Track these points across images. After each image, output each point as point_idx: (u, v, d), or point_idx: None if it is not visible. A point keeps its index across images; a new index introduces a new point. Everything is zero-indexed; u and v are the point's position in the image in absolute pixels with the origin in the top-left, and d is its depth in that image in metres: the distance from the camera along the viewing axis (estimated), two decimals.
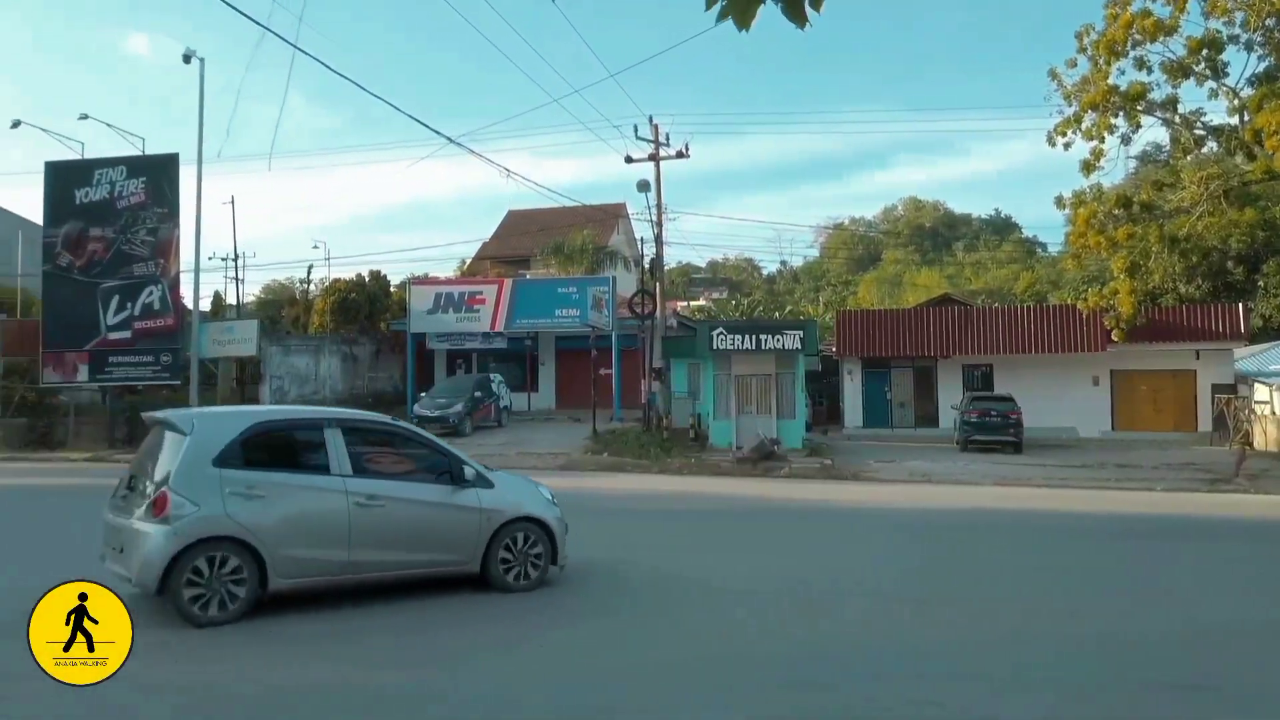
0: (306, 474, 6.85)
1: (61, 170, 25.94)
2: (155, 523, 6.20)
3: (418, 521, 7.09)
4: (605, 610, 7.28)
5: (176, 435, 6.63)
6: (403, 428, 7.83)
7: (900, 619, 6.99)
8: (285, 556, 6.44)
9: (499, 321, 28.58)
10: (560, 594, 7.58)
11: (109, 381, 25.20)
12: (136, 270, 24.79)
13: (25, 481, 17.90)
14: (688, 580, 8.27)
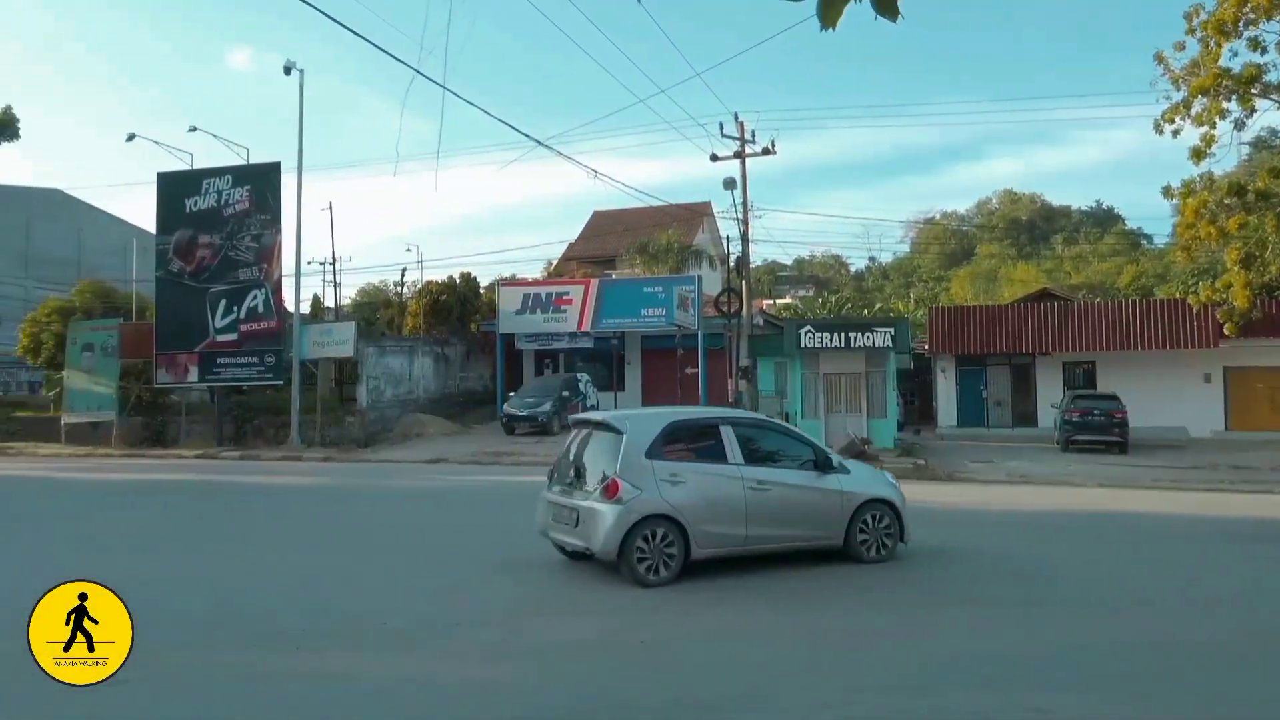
0: (711, 463, 8.16)
1: (172, 180, 27.26)
2: (609, 504, 7.64)
3: (796, 502, 8.39)
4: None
5: (612, 434, 8.13)
6: (776, 424, 9.60)
7: (1003, 625, 6.77)
8: (702, 531, 7.83)
9: (585, 321, 28.83)
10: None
11: (217, 382, 26.36)
12: (242, 275, 25.87)
13: (153, 477, 18.85)
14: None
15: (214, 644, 5.93)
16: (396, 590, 7.64)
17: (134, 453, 24.45)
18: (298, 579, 8.16)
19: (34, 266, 44.13)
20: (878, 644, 6.20)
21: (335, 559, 9.22)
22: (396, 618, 6.61)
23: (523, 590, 7.63)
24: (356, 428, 25.48)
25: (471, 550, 9.79)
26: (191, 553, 9.69)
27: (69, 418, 26.75)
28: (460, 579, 8.05)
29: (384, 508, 13.87)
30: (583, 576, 8.10)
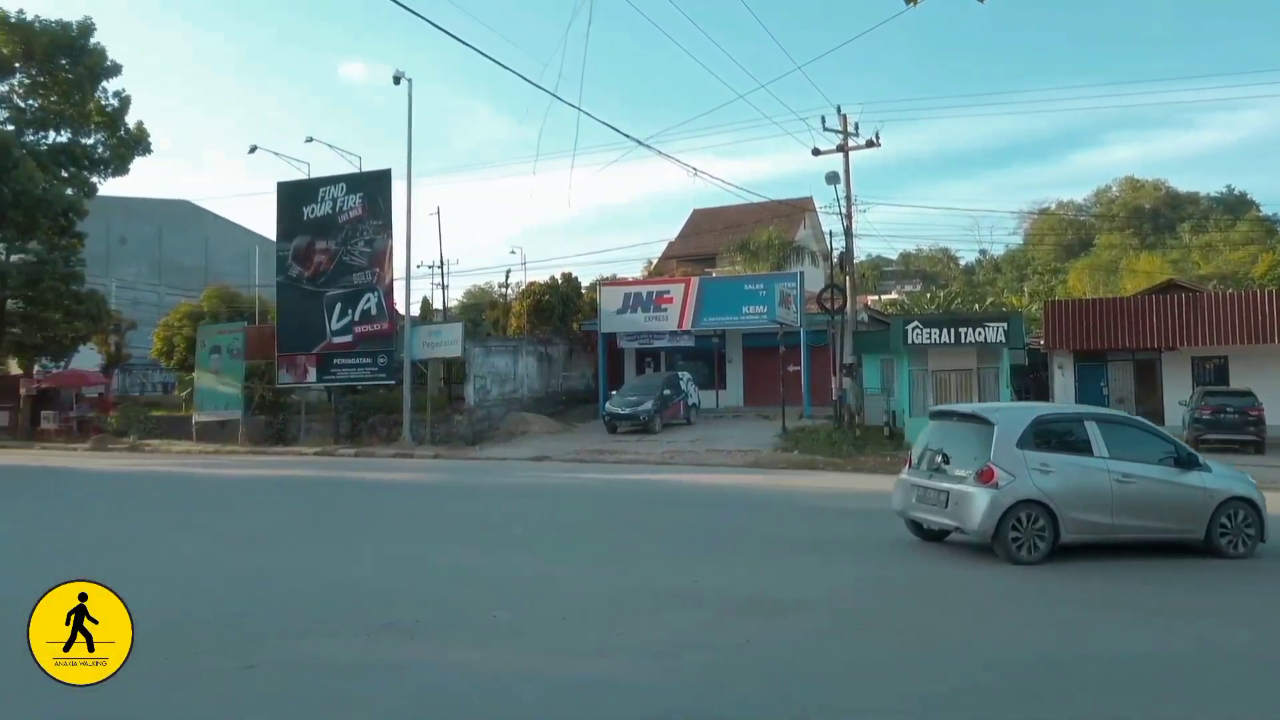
0: (1077, 455, 8.64)
1: (291, 189, 28.53)
2: (985, 488, 8.32)
3: (1159, 496, 8.73)
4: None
5: (981, 425, 8.85)
6: (1137, 421, 9.95)
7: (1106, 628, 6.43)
8: (1069, 518, 8.35)
9: (686, 320, 28.81)
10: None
11: (333, 382, 27.46)
12: (356, 279, 26.88)
13: (276, 473, 19.77)
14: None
15: (331, 633, 6.14)
16: (504, 583, 7.77)
17: (258, 450, 25.67)
18: (409, 570, 8.40)
19: (166, 273, 46.88)
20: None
21: (445, 552, 9.45)
22: (504, 610, 6.72)
23: (626, 585, 7.65)
24: (464, 426, 26.12)
25: (575, 545, 9.88)
26: (311, 545, 10.09)
27: (199, 416, 28.31)
28: (565, 573, 8.14)
29: (490, 503, 14.16)
30: (685, 568, 8.08)
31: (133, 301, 41.14)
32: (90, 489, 17.14)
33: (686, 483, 16.49)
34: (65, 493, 16.56)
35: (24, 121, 32.34)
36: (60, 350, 32.88)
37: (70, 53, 32.25)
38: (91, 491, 16.70)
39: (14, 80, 32.60)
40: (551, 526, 11.52)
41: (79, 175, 33.14)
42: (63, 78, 32.39)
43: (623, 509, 13.30)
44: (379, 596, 7.24)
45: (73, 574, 8.12)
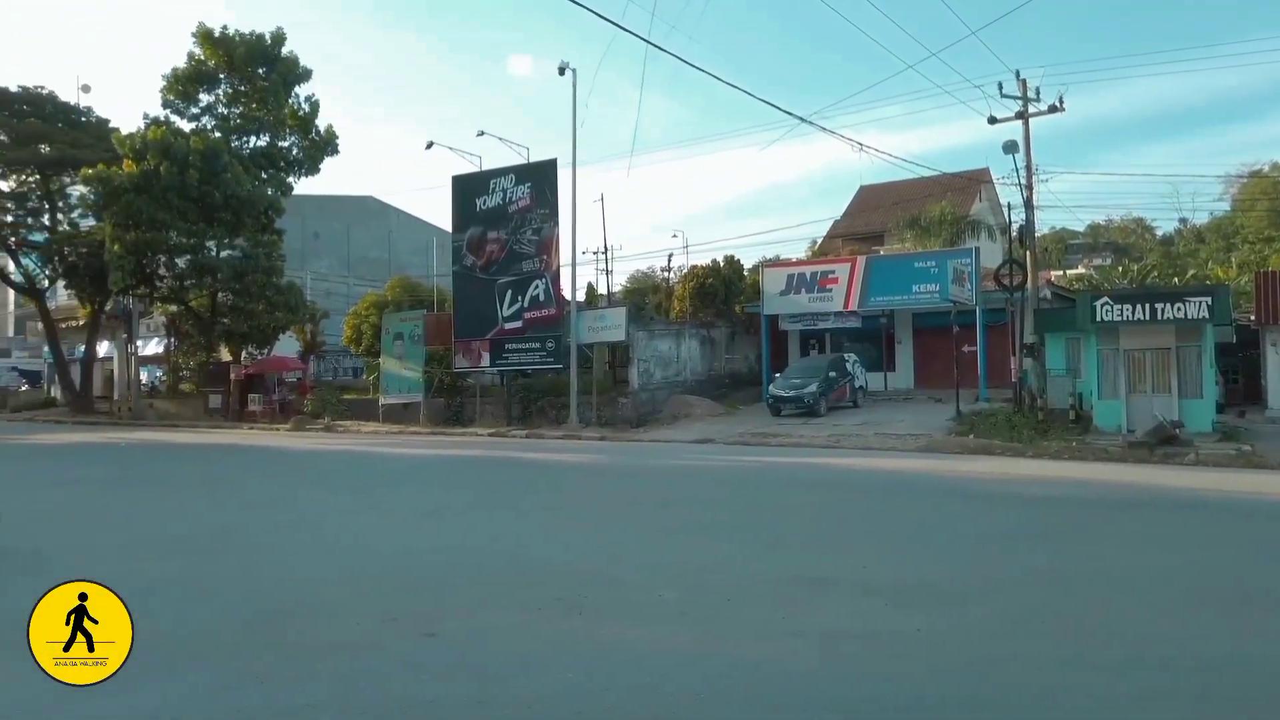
0: None
1: (464, 182, 29.79)
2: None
3: None
4: None
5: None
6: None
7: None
8: None
9: (852, 300, 28.05)
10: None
11: (505, 367, 28.54)
12: (525, 267, 27.78)
13: (455, 453, 20.81)
14: None
15: (505, 606, 6.37)
16: (668, 563, 7.83)
17: (437, 430, 27.07)
18: (577, 548, 8.61)
19: (354, 266, 50.06)
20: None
21: (612, 531, 9.63)
22: (669, 589, 6.77)
23: (790, 571, 7.54)
24: (628, 409, 26.53)
25: (740, 528, 9.83)
26: (486, 521, 10.53)
27: (384, 399, 30.16)
28: (730, 557, 8.10)
29: (655, 485, 14.31)
30: (853, 554, 7.87)
31: (325, 292, 44.22)
32: (294, 466, 18.57)
33: (853, 467, 16.09)
34: (273, 469, 18.02)
35: (228, 128, 35.33)
36: (264, 339, 35.77)
37: (266, 62, 34.97)
38: (294, 468, 18.10)
39: (219, 91, 35.68)
40: (716, 509, 11.51)
41: (276, 176, 35.93)
42: (260, 86, 35.16)
43: (788, 493, 13.13)
44: (549, 573, 7.45)
45: (281, 545, 8.79)
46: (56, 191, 40.83)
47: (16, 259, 42.38)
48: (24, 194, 41.73)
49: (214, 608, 6.37)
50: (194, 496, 13.26)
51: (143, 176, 31.63)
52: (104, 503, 12.57)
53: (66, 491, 13.90)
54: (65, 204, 41.38)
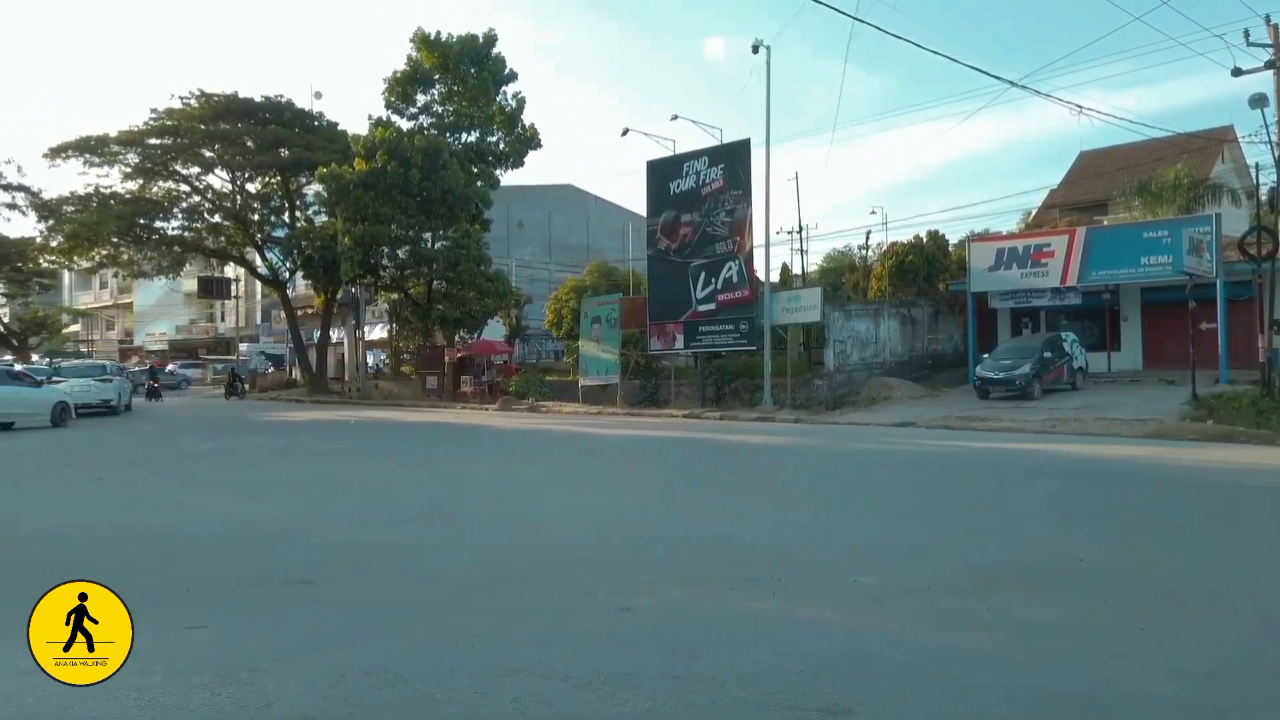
0: None
1: (658, 167, 30.18)
2: None
3: None
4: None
5: None
6: None
7: None
8: None
9: (1070, 275, 26.11)
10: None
11: (699, 349, 28.76)
12: (718, 249, 27.83)
13: (650, 433, 21.27)
14: None
15: (699, 584, 6.44)
16: (865, 548, 7.63)
17: (633, 411, 27.71)
18: (772, 529, 8.56)
19: (555, 252, 51.99)
20: None
21: (807, 512, 9.51)
22: (866, 575, 6.60)
23: (998, 559, 7.14)
24: (824, 390, 26.05)
25: (942, 513, 9.43)
26: (681, 500, 10.69)
27: (584, 380, 31.21)
28: (930, 543, 7.80)
29: (853, 468, 13.99)
30: (1068, 544, 7.34)
31: (529, 279, 46.26)
32: (502, 444, 19.62)
33: (1071, 454, 15.01)
34: (483, 446, 19.10)
35: (442, 125, 37.61)
36: (474, 324, 37.93)
37: (476, 61, 36.91)
38: (502, 446, 19.10)
39: (434, 91, 38.03)
40: (917, 494, 11.10)
41: (485, 170, 37.90)
42: (471, 84, 37.15)
43: (995, 479, 12.45)
44: (743, 552, 7.46)
45: (490, 517, 9.28)
46: (295, 191, 45.11)
47: (262, 253, 47.24)
48: (268, 194, 46.43)
49: (429, 574, 6.84)
50: (412, 471, 14.29)
51: (370, 174, 34.36)
52: (336, 474, 13.79)
53: (315, 462, 15.37)
54: (302, 202, 45.66)
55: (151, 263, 46.53)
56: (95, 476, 13.24)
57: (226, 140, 42.51)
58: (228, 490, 11.80)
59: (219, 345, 68.16)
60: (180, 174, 44.48)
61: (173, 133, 42.48)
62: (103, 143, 42.02)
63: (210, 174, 45.20)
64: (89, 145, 41.94)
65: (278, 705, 3.99)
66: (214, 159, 43.85)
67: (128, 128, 42.15)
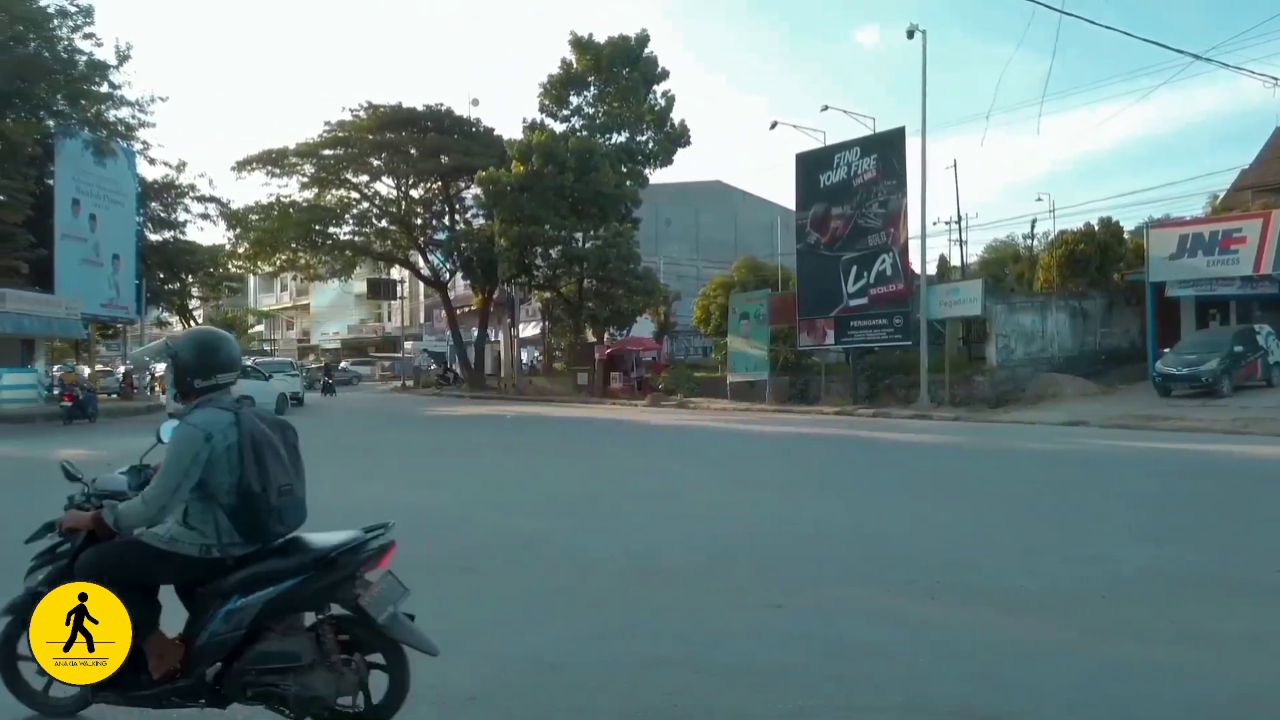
0: None
1: (808, 160, 29.69)
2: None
3: None
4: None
5: None
6: None
7: None
8: None
9: (1264, 262, 23.89)
10: None
11: (850, 344, 28.12)
12: (870, 241, 27.11)
13: (801, 430, 21.02)
14: None
15: (853, 584, 6.30)
16: (1033, 552, 7.26)
17: (782, 408, 27.41)
18: (929, 530, 8.27)
19: (702, 249, 52.04)
20: None
21: (969, 516, 9.13)
22: (1033, 580, 6.27)
23: (1181, 569, 6.63)
24: (985, 387, 24.95)
25: (1116, 517, 8.84)
26: (833, 498, 10.48)
27: (732, 377, 31.12)
28: (1103, 549, 7.32)
29: (1018, 468, 13.34)
30: (1267, 554, 6.72)
31: (676, 275, 46.50)
32: (651, 439, 19.81)
33: (1266, 455, 13.76)
34: (633, 441, 19.37)
35: (593, 126, 38.35)
36: (623, 321, 38.50)
37: (629, 62, 37.44)
38: (651, 441, 19.28)
39: (586, 93, 38.83)
40: (1088, 496, 10.45)
41: (635, 169, 38.39)
42: (622, 85, 37.71)
43: (1178, 482, 11.57)
44: (901, 554, 7.25)
45: (641, 511, 9.39)
46: (455, 195, 47.10)
47: (425, 255, 49.60)
48: (430, 199, 48.69)
49: (583, 564, 7.00)
50: (565, 463, 14.65)
51: (526, 177, 35.48)
52: (495, 466, 14.31)
53: (474, 453, 16.04)
54: (461, 205, 47.61)
55: (326, 266, 49.73)
56: None
57: (392, 149, 44.89)
58: (397, 480, 12.45)
59: (386, 344, 72.08)
60: (351, 182, 47.32)
61: (344, 143, 45.24)
62: (282, 155, 45.24)
63: (377, 181, 47.85)
64: (270, 158, 45.26)
65: (445, 685, 4.17)
66: (380, 167, 46.37)
67: (304, 140, 45.25)
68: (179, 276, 44.67)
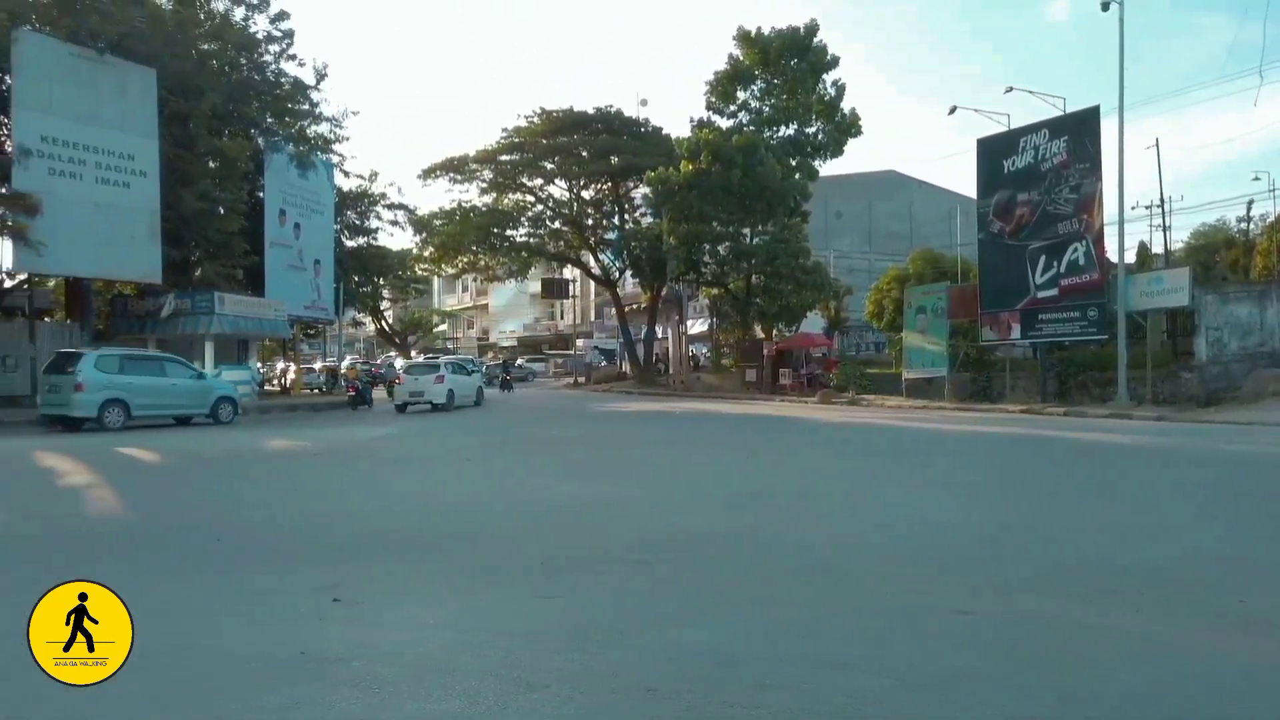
0: None
1: (990, 145, 28.22)
2: None
3: None
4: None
5: None
6: None
7: None
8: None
9: None
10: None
11: (1038, 339, 26.52)
12: (1060, 229, 25.45)
13: (982, 429, 20.06)
14: None
15: (1046, 593, 5.92)
16: (1253, 566, 6.59)
17: (963, 406, 26.22)
18: (1131, 537, 7.67)
19: (875, 241, 50.64)
20: None
21: (1176, 523, 8.43)
22: (1254, 596, 5.69)
23: None
24: (1193, 384, 22.94)
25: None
26: (1019, 502, 9.90)
27: (908, 374, 30.07)
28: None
29: (1233, 473, 12.19)
30: None
31: (847, 269, 45.41)
32: (824, 436, 19.44)
33: None
34: (805, 438, 19.08)
35: (761, 121, 37.99)
36: (792, 317, 37.94)
37: (798, 53, 36.82)
38: (824, 438, 18.92)
39: (753, 87, 38.51)
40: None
41: (804, 162, 37.75)
42: (790, 77, 37.14)
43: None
44: (1099, 561, 6.75)
45: (816, 508, 9.24)
46: (624, 195, 47.99)
47: (595, 255, 50.82)
48: (600, 200, 49.86)
49: (755, 560, 6.93)
50: (735, 460, 14.59)
51: (694, 175, 35.63)
52: (665, 461, 14.44)
53: (645, 449, 16.31)
54: (630, 205, 48.45)
55: (503, 267, 51.92)
56: (465, 458, 15.02)
57: (564, 152, 46.29)
58: (570, 474, 12.81)
59: (559, 341, 74.38)
60: (526, 185, 49.18)
61: (519, 148, 47.08)
62: (463, 162, 47.60)
63: (551, 184, 49.50)
64: (453, 165, 47.72)
65: (623, 675, 4.23)
66: (554, 170, 47.92)
67: (483, 147, 47.41)
68: (371, 279, 47.90)
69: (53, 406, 20.36)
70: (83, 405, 19.84)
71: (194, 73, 29.07)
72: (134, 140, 26.88)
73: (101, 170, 26.30)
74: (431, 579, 6.38)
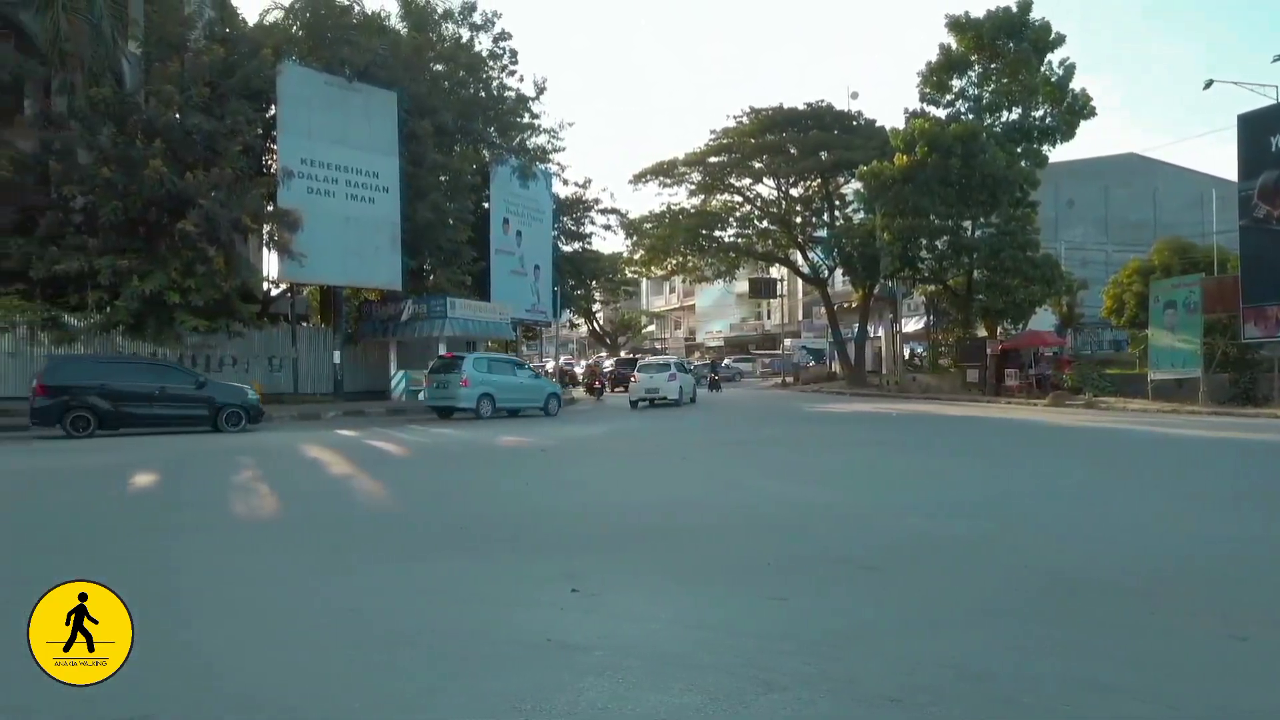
0: None
1: (1254, 121, 25.30)
2: None
3: None
4: None
5: None
6: None
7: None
8: None
9: None
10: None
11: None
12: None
13: (1241, 435, 18.09)
14: None
15: (1197, 614, 5.24)
16: None
17: (1219, 410, 23.70)
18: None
19: (1112, 231, 46.76)
20: None
21: None
22: None
23: None
24: None
25: None
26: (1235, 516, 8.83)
27: (1154, 374, 27.53)
28: None
29: None
30: None
31: (1081, 262, 42.16)
32: (1059, 442, 18.16)
33: None
34: (1037, 443, 17.90)
35: (980, 108, 36.00)
36: (1019, 314, 35.70)
37: (1013, 33, 34.59)
38: (1060, 444, 17.66)
39: (969, 74, 36.56)
40: None
41: (1030, 148, 35.38)
42: (1010, 59, 34.95)
43: None
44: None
45: (1060, 517, 8.69)
46: (834, 191, 47.03)
47: (804, 253, 50.12)
48: (809, 197, 49.12)
49: (994, 571, 6.57)
50: (964, 464, 13.92)
51: (909, 167, 34.35)
52: (887, 464, 14.02)
53: (864, 451, 15.93)
54: (841, 201, 47.40)
55: (711, 268, 52.32)
56: (681, 456, 15.27)
57: (772, 150, 45.97)
58: (790, 476, 12.69)
59: (766, 341, 73.98)
60: (734, 186, 49.28)
61: (727, 149, 47.24)
62: (672, 166, 48.40)
63: (759, 183, 49.31)
64: (662, 169, 48.64)
65: (861, 684, 4.14)
66: (762, 169, 47.72)
67: (692, 150, 47.99)
68: (585, 283, 49.71)
69: (440, 399, 25.11)
70: (465, 398, 24.47)
71: (428, 93, 31.38)
72: (377, 159, 29.42)
73: (350, 187, 28.98)
74: (660, 574, 6.52)
